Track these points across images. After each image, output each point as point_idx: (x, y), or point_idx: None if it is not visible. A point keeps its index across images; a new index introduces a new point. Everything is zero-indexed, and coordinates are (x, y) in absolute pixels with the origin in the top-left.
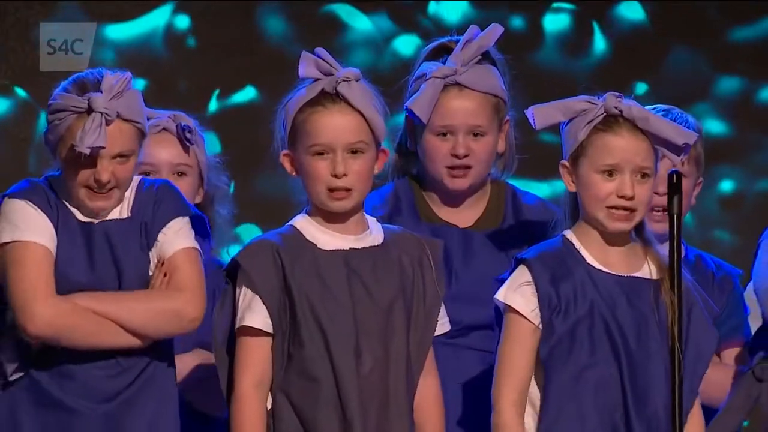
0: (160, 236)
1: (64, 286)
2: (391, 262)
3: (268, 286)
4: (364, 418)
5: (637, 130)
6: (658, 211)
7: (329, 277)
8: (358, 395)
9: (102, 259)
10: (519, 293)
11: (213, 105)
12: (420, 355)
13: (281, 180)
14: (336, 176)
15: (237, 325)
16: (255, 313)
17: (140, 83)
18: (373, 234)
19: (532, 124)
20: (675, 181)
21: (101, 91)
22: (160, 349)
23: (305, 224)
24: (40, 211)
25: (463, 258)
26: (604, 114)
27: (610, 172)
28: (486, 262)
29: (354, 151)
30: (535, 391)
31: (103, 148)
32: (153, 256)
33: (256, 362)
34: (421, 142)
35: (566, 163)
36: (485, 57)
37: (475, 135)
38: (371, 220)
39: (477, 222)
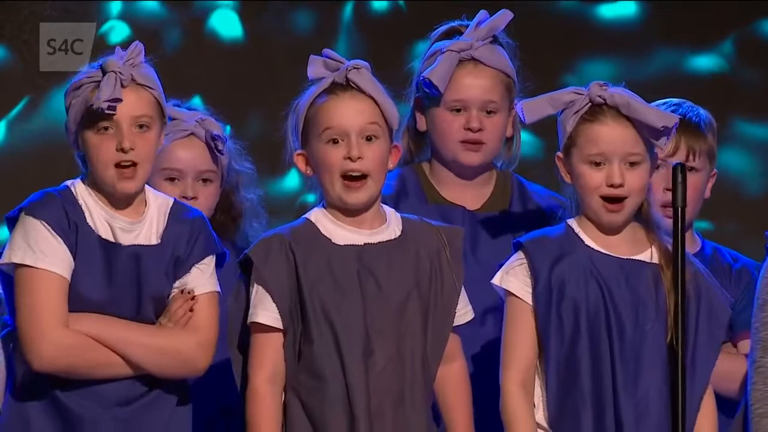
0: (194, 270)
1: (78, 303)
2: (406, 256)
3: (278, 284)
4: (373, 417)
5: (622, 117)
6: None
7: (341, 274)
8: (366, 394)
9: (123, 279)
10: (512, 275)
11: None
12: (438, 348)
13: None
14: (351, 159)
15: (248, 320)
16: (265, 310)
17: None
18: (391, 227)
19: (522, 118)
20: (680, 173)
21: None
22: None
23: (321, 217)
24: (56, 234)
25: (470, 239)
26: (590, 104)
27: (598, 162)
28: (493, 244)
29: (368, 138)
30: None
31: (120, 100)
32: (176, 284)
33: (268, 357)
34: (433, 118)
35: (560, 155)
36: (495, 41)
37: (488, 112)
38: (390, 212)
39: (484, 205)
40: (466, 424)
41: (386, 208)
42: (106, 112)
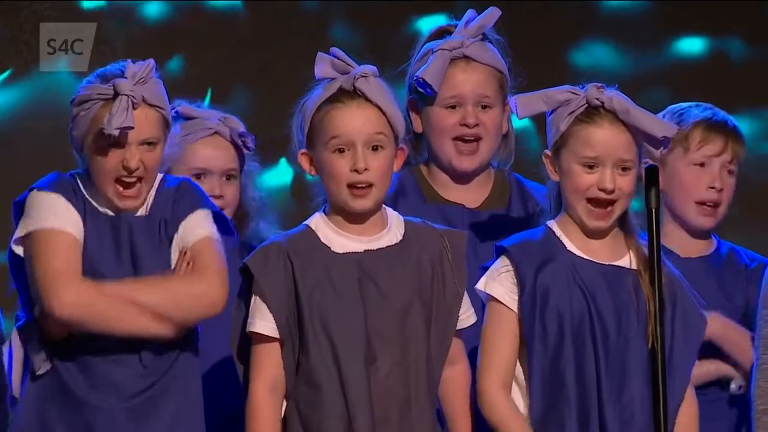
0: (180, 228)
1: (92, 277)
2: (408, 261)
3: (275, 294)
4: (378, 424)
5: (619, 121)
6: (709, 205)
7: (340, 282)
8: (369, 402)
9: (125, 253)
10: (498, 281)
11: None
12: (442, 352)
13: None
14: (357, 171)
15: (247, 330)
16: (263, 320)
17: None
18: (392, 231)
19: (515, 113)
20: (651, 175)
21: (125, 78)
22: (185, 348)
23: (321, 224)
24: (68, 202)
25: (470, 238)
26: (586, 105)
27: (591, 165)
28: (494, 242)
29: (374, 148)
30: (519, 371)
31: (132, 128)
32: (175, 249)
33: (268, 367)
34: (429, 117)
35: (549, 153)
36: (485, 39)
37: (483, 107)
38: (392, 215)
39: (483, 203)
40: (468, 426)
41: (389, 210)
42: (116, 136)
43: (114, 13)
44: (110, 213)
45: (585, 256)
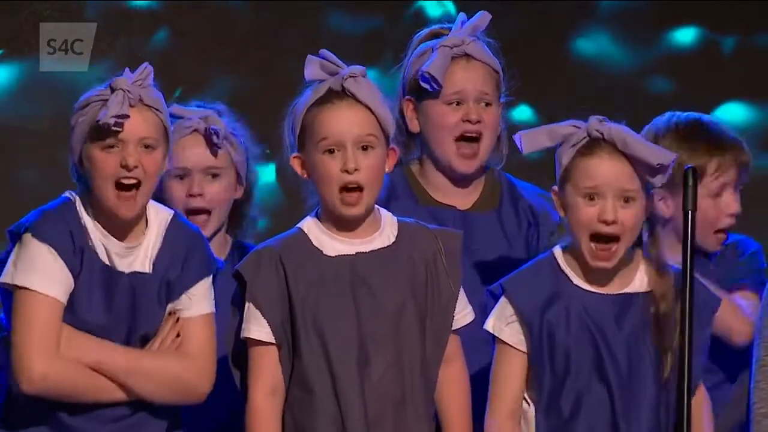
0: (184, 296)
1: (76, 325)
2: (401, 263)
3: (268, 299)
4: (371, 427)
5: (619, 152)
6: (726, 232)
7: (333, 285)
8: (362, 404)
9: (121, 307)
10: (507, 328)
11: None
12: (437, 352)
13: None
14: (347, 171)
15: (241, 336)
16: (258, 326)
17: None
18: (385, 232)
19: (520, 148)
20: (691, 177)
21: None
22: None
23: (313, 227)
24: (59, 258)
25: (464, 239)
26: (587, 138)
27: (591, 196)
28: (487, 243)
29: (365, 148)
30: (526, 407)
31: (127, 116)
32: (168, 307)
33: (265, 372)
34: (429, 114)
35: (555, 188)
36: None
37: (485, 105)
38: (386, 217)
39: (475, 204)
40: (463, 425)
41: (382, 211)
42: (113, 128)
43: (112, 10)
44: (110, 263)
45: (591, 289)
